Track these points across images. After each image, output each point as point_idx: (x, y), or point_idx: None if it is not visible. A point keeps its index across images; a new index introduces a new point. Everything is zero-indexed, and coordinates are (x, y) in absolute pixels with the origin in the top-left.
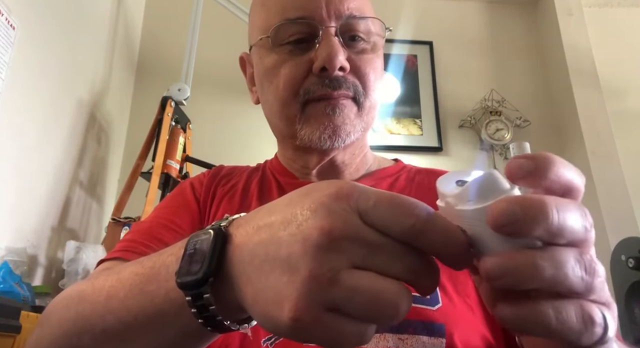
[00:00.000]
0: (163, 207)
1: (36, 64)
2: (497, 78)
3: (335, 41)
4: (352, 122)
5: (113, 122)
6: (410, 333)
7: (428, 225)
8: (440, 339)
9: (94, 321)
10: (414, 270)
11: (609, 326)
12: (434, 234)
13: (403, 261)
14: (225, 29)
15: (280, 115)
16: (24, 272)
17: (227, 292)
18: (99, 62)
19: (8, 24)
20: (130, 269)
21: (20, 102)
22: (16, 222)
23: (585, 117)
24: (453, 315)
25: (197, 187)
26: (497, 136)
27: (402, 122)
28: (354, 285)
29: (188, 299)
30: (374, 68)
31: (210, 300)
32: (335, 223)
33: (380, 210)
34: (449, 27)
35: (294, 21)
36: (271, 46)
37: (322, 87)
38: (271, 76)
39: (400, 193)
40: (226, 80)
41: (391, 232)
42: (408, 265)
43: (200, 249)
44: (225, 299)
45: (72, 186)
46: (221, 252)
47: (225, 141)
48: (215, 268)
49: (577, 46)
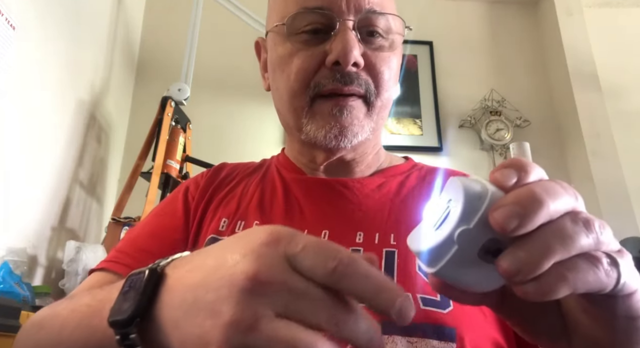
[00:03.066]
0: (154, 214)
1: (36, 64)
2: (497, 78)
3: (352, 35)
4: (361, 123)
5: (113, 122)
6: (419, 336)
7: (349, 268)
8: (451, 343)
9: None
10: (338, 321)
11: (620, 267)
12: (355, 277)
13: (326, 309)
14: (225, 29)
15: (288, 106)
16: (24, 272)
17: (156, 334)
18: (99, 62)
19: (8, 24)
20: (85, 300)
21: (20, 102)
22: (16, 222)
23: (585, 117)
24: (464, 318)
25: (191, 191)
26: (497, 136)
27: (402, 122)
28: (272, 335)
29: (117, 338)
30: (389, 67)
31: (137, 341)
32: (261, 268)
33: (307, 254)
34: (449, 27)
35: (312, 11)
36: (286, 34)
37: (333, 82)
38: (283, 65)
39: (410, 192)
40: (226, 80)
41: (315, 277)
42: (331, 314)
43: (133, 288)
44: (154, 341)
45: (72, 186)
46: (153, 292)
47: (225, 141)
48: (144, 308)
49: (577, 46)
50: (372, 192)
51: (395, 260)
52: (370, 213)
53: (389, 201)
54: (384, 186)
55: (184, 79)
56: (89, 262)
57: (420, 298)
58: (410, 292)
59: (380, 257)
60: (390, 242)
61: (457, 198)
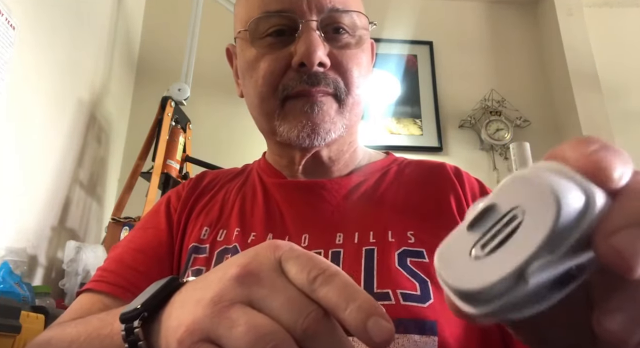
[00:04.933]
0: (137, 228)
1: (36, 64)
2: (497, 78)
3: (315, 36)
4: (332, 119)
5: (113, 122)
6: (401, 332)
7: (330, 278)
8: (432, 337)
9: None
10: (306, 326)
11: None
12: (333, 286)
13: (300, 311)
14: (225, 29)
15: (259, 110)
16: (24, 272)
17: (155, 332)
18: (99, 62)
19: (8, 24)
20: (100, 315)
21: (20, 102)
22: (16, 222)
23: (585, 117)
24: (445, 310)
25: (173, 202)
26: (497, 136)
27: (402, 122)
28: (236, 318)
29: (122, 333)
30: (357, 63)
31: (139, 335)
32: (252, 262)
33: (297, 262)
34: (449, 27)
35: (274, 14)
36: (251, 39)
37: (301, 83)
38: (251, 70)
39: (388, 187)
40: (226, 80)
41: (297, 281)
42: (303, 318)
43: (151, 288)
44: (152, 338)
45: (72, 186)
46: (166, 294)
47: (225, 141)
48: (154, 307)
49: (577, 46)
50: (350, 192)
51: (374, 257)
52: (349, 213)
53: (366, 199)
54: (362, 184)
55: (184, 79)
56: (89, 262)
57: (400, 294)
58: (390, 288)
59: (360, 255)
60: (370, 240)
61: (537, 208)
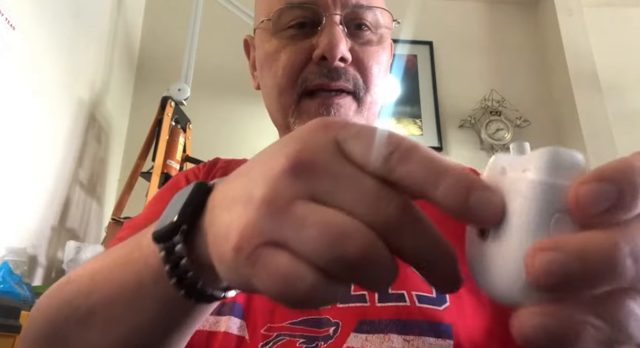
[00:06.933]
0: (155, 201)
1: (36, 63)
2: (497, 78)
3: (338, 30)
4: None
5: (113, 122)
6: (416, 334)
7: (408, 153)
8: (448, 340)
9: (79, 303)
10: (390, 218)
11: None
12: (415, 164)
13: (375, 204)
14: (225, 29)
15: (276, 103)
16: (24, 272)
17: (200, 244)
18: (99, 62)
19: (8, 24)
20: (121, 244)
21: (20, 102)
22: (16, 222)
23: (585, 117)
24: (461, 314)
25: (191, 180)
26: (497, 136)
27: (402, 122)
28: (303, 219)
29: (162, 254)
30: (378, 61)
31: (182, 252)
32: (305, 150)
33: (361, 139)
34: (449, 27)
35: (298, 5)
36: (272, 30)
37: (320, 77)
38: (271, 61)
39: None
40: (226, 80)
41: (368, 164)
42: (383, 208)
43: (180, 198)
44: (197, 252)
45: (72, 186)
46: (200, 200)
47: (225, 141)
48: (191, 215)
49: (577, 46)
50: None
51: None
52: None
53: None
54: None
55: (184, 79)
56: None
57: (416, 296)
58: (405, 290)
59: None
60: None
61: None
